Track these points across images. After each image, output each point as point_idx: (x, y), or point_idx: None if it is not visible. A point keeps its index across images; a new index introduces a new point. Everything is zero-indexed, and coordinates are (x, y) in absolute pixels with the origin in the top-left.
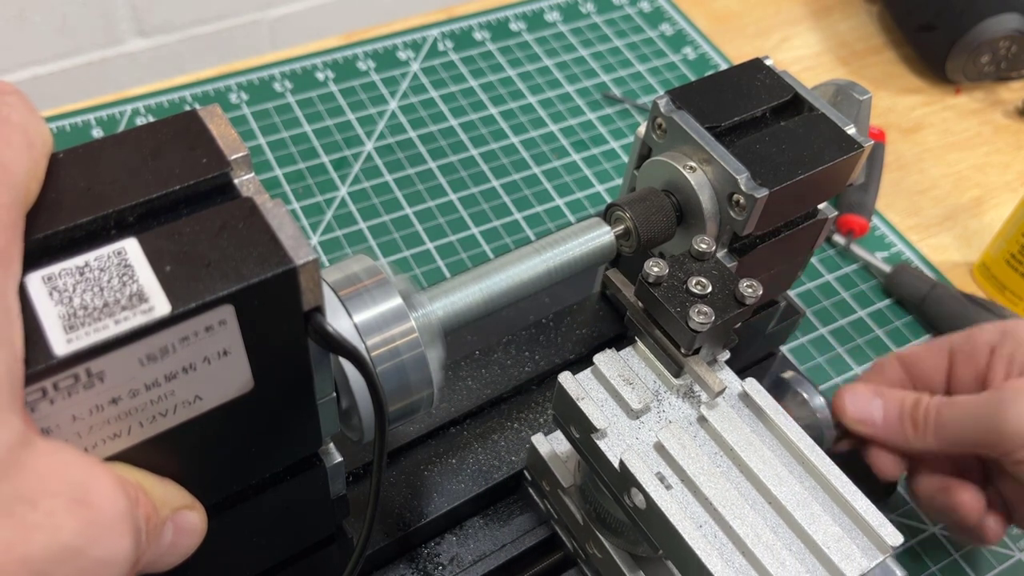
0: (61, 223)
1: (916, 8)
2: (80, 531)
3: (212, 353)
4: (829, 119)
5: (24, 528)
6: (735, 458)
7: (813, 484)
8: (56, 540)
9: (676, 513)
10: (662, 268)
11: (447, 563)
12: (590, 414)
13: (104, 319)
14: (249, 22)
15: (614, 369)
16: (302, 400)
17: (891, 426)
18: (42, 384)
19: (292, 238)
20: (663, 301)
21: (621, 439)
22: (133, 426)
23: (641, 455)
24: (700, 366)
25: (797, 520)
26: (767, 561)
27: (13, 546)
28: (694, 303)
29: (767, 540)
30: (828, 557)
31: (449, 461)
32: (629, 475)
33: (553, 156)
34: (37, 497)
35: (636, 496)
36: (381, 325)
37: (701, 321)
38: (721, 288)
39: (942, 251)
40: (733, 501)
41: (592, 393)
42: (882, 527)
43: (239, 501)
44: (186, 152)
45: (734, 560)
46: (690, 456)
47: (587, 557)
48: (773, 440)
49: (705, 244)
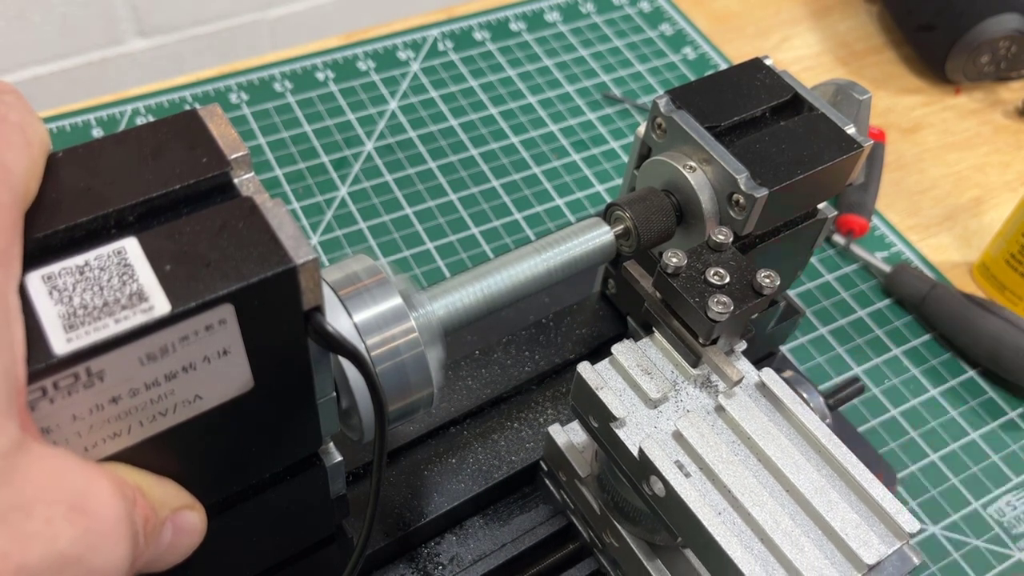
0: (61, 222)
1: (916, 8)
2: (78, 539)
3: (212, 352)
4: (829, 119)
5: (21, 537)
6: (753, 446)
7: (830, 472)
8: (53, 549)
9: (695, 500)
10: (680, 259)
11: (447, 563)
12: (609, 403)
13: (104, 318)
14: (249, 22)
15: (632, 359)
16: (302, 400)
17: None
18: (42, 383)
19: (292, 237)
20: (682, 291)
21: (640, 428)
22: (133, 425)
23: (660, 443)
24: (718, 356)
25: (815, 507)
26: (786, 547)
27: (10, 555)
28: (712, 293)
29: (785, 527)
30: (846, 543)
31: (449, 461)
32: (648, 463)
33: (553, 156)
34: (34, 505)
35: (655, 484)
36: (381, 325)
37: (720, 311)
38: (739, 278)
39: (942, 251)
40: (751, 488)
41: (611, 383)
42: (899, 514)
43: (239, 501)
44: (186, 152)
45: (753, 546)
46: (708, 444)
47: (604, 546)
48: (790, 429)
49: (723, 235)
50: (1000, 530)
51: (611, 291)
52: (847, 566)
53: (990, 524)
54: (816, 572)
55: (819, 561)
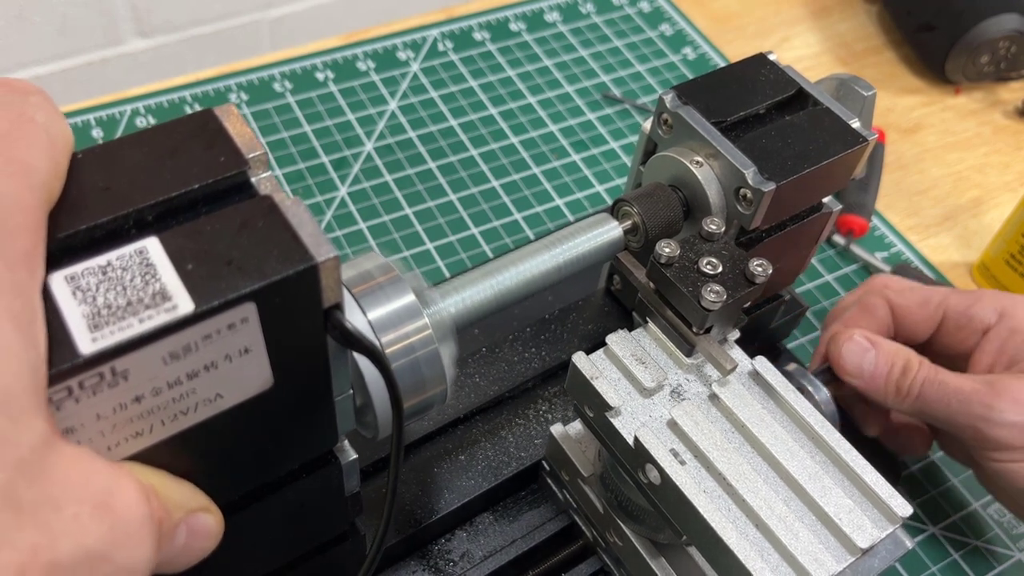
0: (82, 222)
1: (916, 8)
2: (105, 536)
3: (233, 351)
4: (833, 113)
5: (51, 532)
6: (747, 434)
7: (824, 458)
8: (82, 545)
9: (691, 487)
10: (673, 249)
11: (458, 559)
12: (604, 392)
13: (128, 318)
14: (249, 22)
15: (627, 349)
16: (320, 397)
17: (876, 382)
18: (68, 383)
19: (312, 235)
20: (675, 281)
21: (635, 417)
22: (155, 424)
23: (655, 432)
24: (711, 345)
25: (809, 493)
26: (781, 533)
27: (40, 550)
28: (706, 282)
29: (780, 512)
30: (840, 528)
31: (458, 458)
32: (643, 451)
33: (553, 156)
34: (63, 501)
35: (651, 472)
36: (395, 322)
37: (713, 299)
38: (731, 267)
39: (942, 251)
40: (746, 475)
41: (606, 372)
42: (892, 498)
43: (255, 499)
44: (204, 151)
45: (748, 532)
46: (703, 432)
47: (607, 546)
48: (784, 416)
49: (714, 225)
50: (1000, 530)
51: (616, 287)
52: (841, 550)
53: (990, 524)
54: (810, 556)
55: (813, 545)
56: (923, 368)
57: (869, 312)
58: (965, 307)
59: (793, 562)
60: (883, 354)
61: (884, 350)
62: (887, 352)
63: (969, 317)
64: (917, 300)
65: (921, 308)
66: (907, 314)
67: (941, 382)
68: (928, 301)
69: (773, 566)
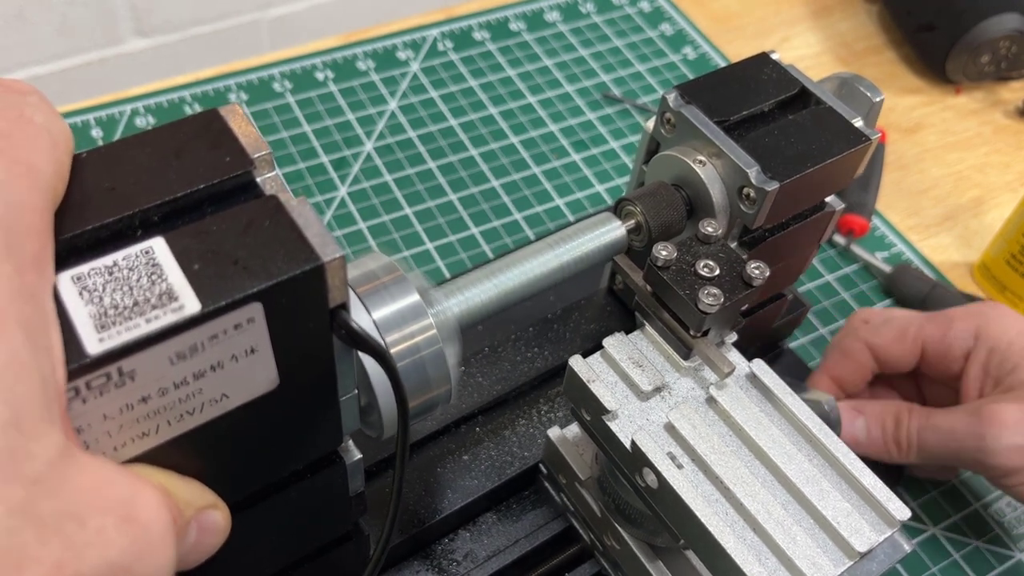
0: (88, 223)
1: (916, 8)
2: (128, 548)
3: (240, 351)
4: (836, 112)
5: (75, 546)
6: (744, 437)
7: (821, 461)
8: (106, 558)
9: (688, 491)
10: (670, 252)
11: (461, 559)
12: (601, 396)
13: (135, 318)
14: (249, 22)
15: (624, 352)
16: (325, 397)
17: (875, 445)
18: (75, 383)
19: (318, 235)
20: (672, 284)
21: (632, 420)
22: (161, 425)
23: (652, 435)
24: (709, 348)
25: (807, 496)
26: (778, 536)
27: (65, 565)
28: (703, 285)
29: (778, 516)
30: (838, 532)
31: (462, 458)
32: (641, 455)
33: (553, 156)
34: (86, 514)
35: (648, 476)
36: (400, 322)
37: (710, 302)
38: (729, 270)
39: (942, 251)
40: (743, 479)
41: (602, 375)
42: (889, 501)
43: (259, 499)
44: (209, 151)
45: (746, 536)
46: (700, 436)
47: (604, 549)
48: (781, 419)
49: (711, 227)
50: (1000, 530)
51: (618, 286)
52: (839, 554)
53: (990, 524)
54: (808, 560)
55: (811, 549)
56: (914, 416)
57: (848, 356)
58: (940, 336)
59: (791, 566)
60: (872, 417)
61: (871, 413)
62: (875, 414)
63: (947, 345)
64: (892, 336)
65: (898, 343)
66: (885, 352)
67: (934, 426)
68: (904, 334)
69: (771, 570)
